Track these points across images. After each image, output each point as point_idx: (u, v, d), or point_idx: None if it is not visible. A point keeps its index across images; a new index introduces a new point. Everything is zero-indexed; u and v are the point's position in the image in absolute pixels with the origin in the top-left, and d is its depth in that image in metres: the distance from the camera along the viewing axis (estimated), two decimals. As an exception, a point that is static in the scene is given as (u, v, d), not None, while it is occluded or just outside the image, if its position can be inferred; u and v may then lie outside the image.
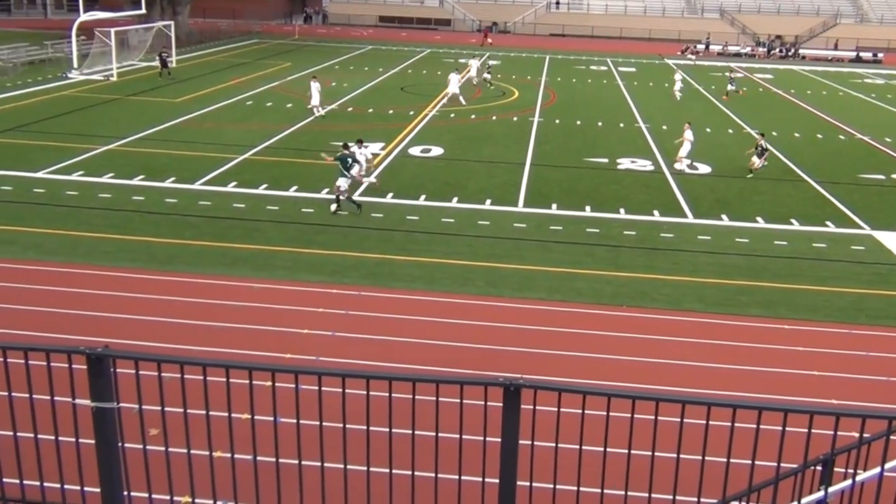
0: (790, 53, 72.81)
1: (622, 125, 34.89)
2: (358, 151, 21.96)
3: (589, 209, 21.82)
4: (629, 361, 13.06)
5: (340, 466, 4.85)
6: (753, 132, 33.72)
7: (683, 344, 13.87)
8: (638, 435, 4.65)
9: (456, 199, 22.22)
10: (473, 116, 35.60)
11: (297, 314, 14.34)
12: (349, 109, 35.94)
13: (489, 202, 22.03)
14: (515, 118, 35.46)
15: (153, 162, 24.84)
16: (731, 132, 34.22)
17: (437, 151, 28.11)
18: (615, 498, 5.04)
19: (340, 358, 12.59)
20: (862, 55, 70.63)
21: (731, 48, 73.16)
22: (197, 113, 33.27)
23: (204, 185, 22.69)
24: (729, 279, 17.05)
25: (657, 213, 21.73)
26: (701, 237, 19.83)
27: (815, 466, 5.61)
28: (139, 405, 4.74)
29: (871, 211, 22.59)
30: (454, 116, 35.33)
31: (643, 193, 23.70)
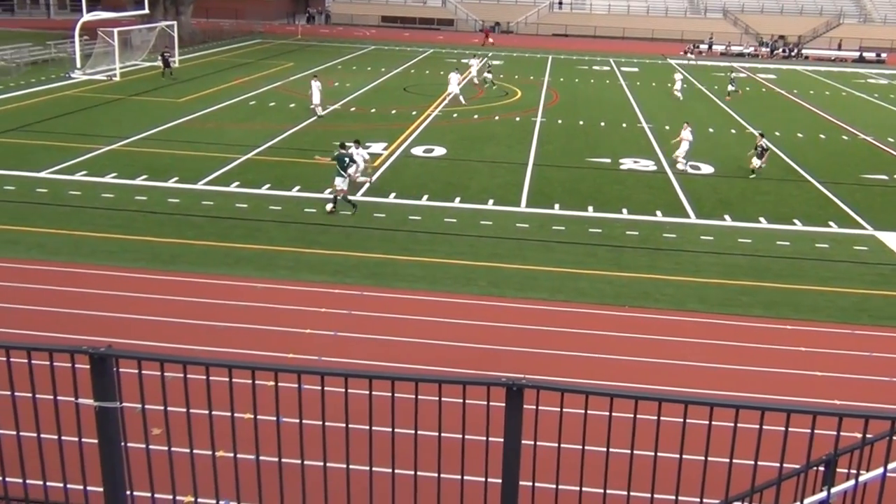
0: (793, 53, 72.71)
1: (625, 125, 34.88)
2: (355, 152, 21.97)
3: (591, 209, 21.81)
4: (631, 362, 13.06)
5: (343, 466, 4.85)
6: (756, 132, 33.72)
7: (686, 344, 13.87)
8: (640, 435, 4.65)
9: (458, 199, 22.23)
10: (476, 116, 35.60)
11: (299, 314, 14.35)
12: (352, 109, 35.96)
13: (492, 202, 22.03)
14: (518, 118, 35.45)
15: (156, 162, 24.87)
16: (733, 132, 34.19)
17: (439, 151, 28.12)
18: (617, 498, 5.04)
19: (343, 358, 12.60)
20: (865, 55, 70.52)
21: (734, 48, 73.07)
22: (200, 113, 33.31)
23: (207, 185, 22.72)
24: (731, 279, 17.04)
25: (660, 213, 21.72)
26: (703, 237, 19.82)
27: (817, 467, 5.60)
28: (142, 405, 4.75)
29: (873, 211, 22.57)
30: (457, 116, 35.33)
31: (646, 194, 23.69)
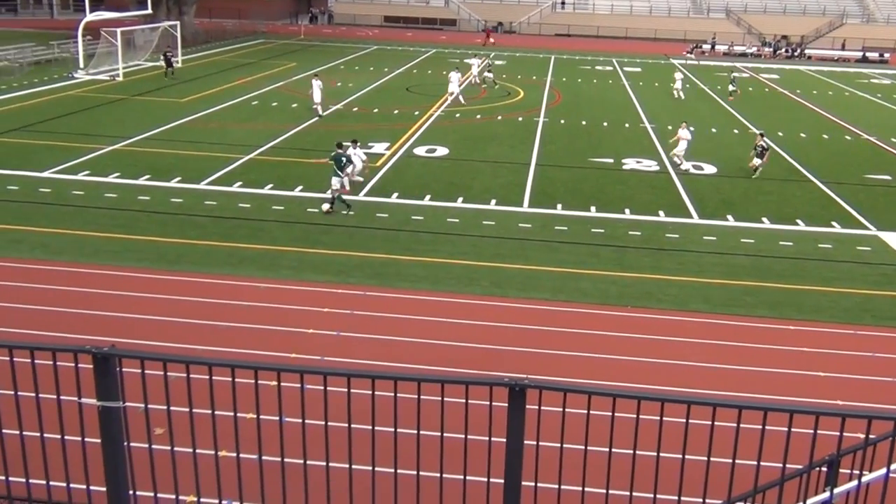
0: (796, 54, 72.63)
1: (627, 125, 34.85)
2: (353, 151, 21.98)
3: (594, 209, 21.80)
4: (634, 362, 13.05)
5: (345, 466, 4.86)
6: (759, 132, 33.68)
7: (689, 344, 13.86)
8: (643, 435, 4.65)
9: (461, 199, 22.23)
10: (479, 116, 35.60)
11: (302, 314, 14.36)
12: (354, 109, 35.97)
13: (494, 202, 22.03)
14: (521, 118, 35.44)
15: (159, 162, 24.90)
16: (736, 132, 34.15)
17: (442, 151, 28.12)
18: (620, 498, 5.03)
19: (345, 358, 12.60)
20: (868, 55, 70.42)
21: (736, 48, 72.99)
22: (202, 113, 33.33)
23: (210, 184, 22.74)
24: (734, 280, 17.03)
25: (662, 213, 21.70)
26: (706, 237, 19.80)
27: (820, 467, 5.60)
28: (145, 404, 4.75)
29: (877, 211, 22.54)
30: (459, 116, 35.33)
31: (648, 194, 23.68)
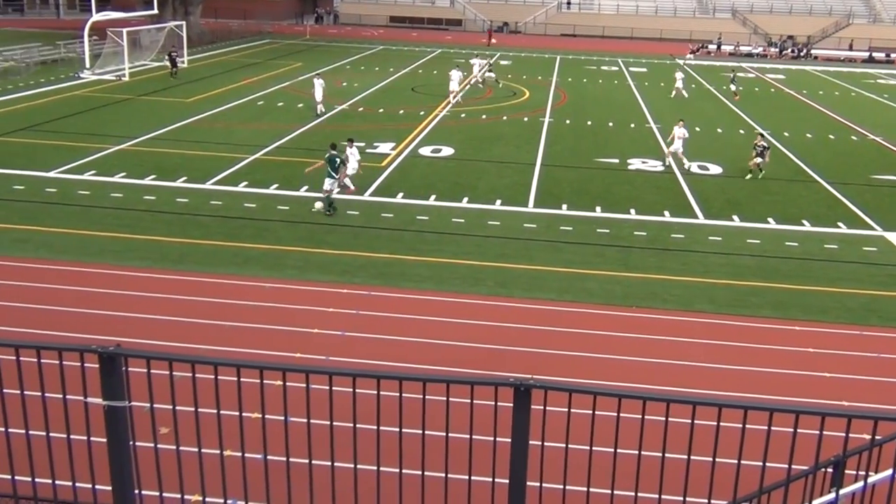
0: (802, 54, 72.47)
1: (633, 125, 34.81)
2: (349, 151, 21.98)
3: (599, 210, 21.78)
4: (639, 362, 13.03)
5: (350, 466, 4.86)
6: (765, 132, 33.59)
7: (694, 345, 13.84)
8: (648, 436, 4.64)
9: (466, 199, 22.23)
10: (484, 117, 35.59)
11: (307, 314, 14.37)
12: (360, 109, 35.99)
13: (499, 202, 22.02)
14: (526, 118, 35.42)
15: (165, 162, 24.94)
16: (742, 132, 34.07)
17: (447, 151, 28.12)
18: (625, 499, 5.03)
19: (350, 357, 12.61)
20: (875, 55, 70.24)
21: (742, 48, 72.87)
22: (208, 113, 33.39)
23: (215, 184, 22.77)
24: (740, 280, 16.99)
25: (668, 213, 21.67)
26: (712, 238, 19.77)
27: (826, 468, 5.58)
28: (150, 404, 4.76)
29: (883, 212, 22.47)
30: (465, 116, 35.33)
31: (654, 194, 23.65)
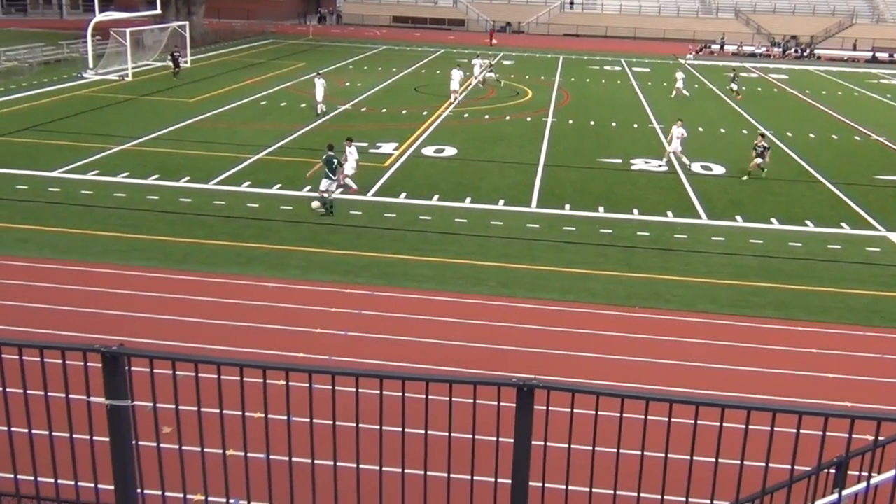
0: (805, 54, 72.38)
1: (636, 125, 34.80)
2: (348, 150, 21.98)
3: (602, 210, 21.77)
4: (642, 362, 13.02)
5: (353, 465, 4.86)
6: (768, 132, 33.56)
7: (697, 345, 13.83)
8: (651, 436, 4.64)
9: (469, 199, 22.23)
10: (487, 117, 35.60)
11: (310, 313, 14.38)
12: (363, 109, 36.01)
13: (502, 202, 22.02)
14: (529, 118, 35.42)
15: (168, 161, 24.97)
16: (745, 132, 34.03)
17: (450, 151, 28.12)
18: (628, 499, 5.02)
19: (353, 357, 12.62)
20: (878, 55, 70.14)
21: (745, 48, 72.78)
22: (211, 113, 33.42)
23: (218, 184, 22.79)
24: (743, 280, 16.98)
25: (671, 213, 21.66)
26: (715, 238, 19.75)
27: (828, 469, 5.57)
28: (153, 403, 4.76)
29: (886, 212, 22.44)
30: (468, 116, 35.33)
31: (657, 194, 23.63)
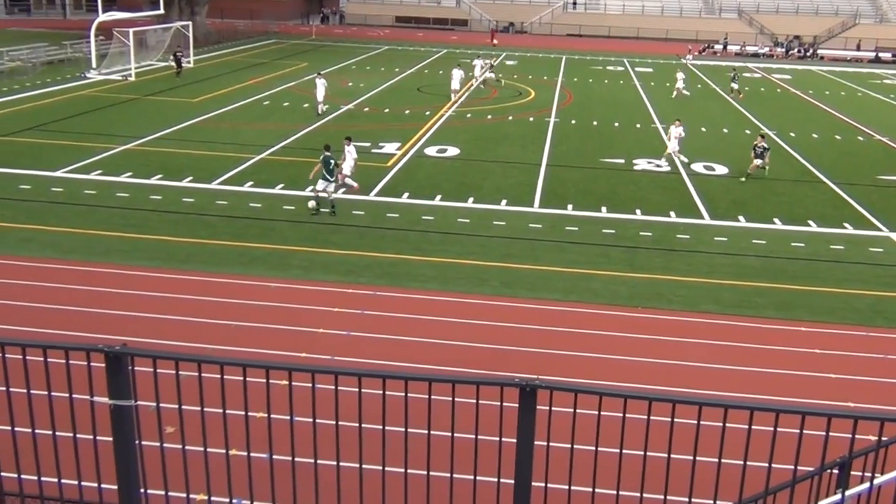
0: (808, 54, 72.30)
1: (639, 126, 34.78)
2: (346, 149, 21.99)
3: (605, 210, 21.76)
4: (645, 363, 13.02)
5: (356, 465, 4.86)
6: (771, 132, 33.55)
7: (699, 345, 13.82)
8: (654, 436, 4.63)
9: (472, 199, 22.23)
10: (490, 117, 35.59)
11: (312, 313, 14.39)
12: (365, 109, 36.01)
13: (505, 202, 22.02)
14: (532, 118, 35.41)
15: (171, 161, 24.99)
16: (748, 132, 33.99)
17: (453, 151, 28.12)
18: (630, 499, 5.02)
19: (355, 357, 12.62)
20: (881, 55, 70.04)
21: (748, 48, 72.72)
22: (214, 113, 33.44)
23: (221, 184, 22.81)
24: (745, 281, 16.96)
25: (673, 214, 21.65)
26: (717, 238, 19.74)
27: (832, 469, 5.56)
28: (156, 403, 4.77)
29: (889, 213, 22.41)
30: (470, 117, 35.33)
31: (660, 194, 23.62)
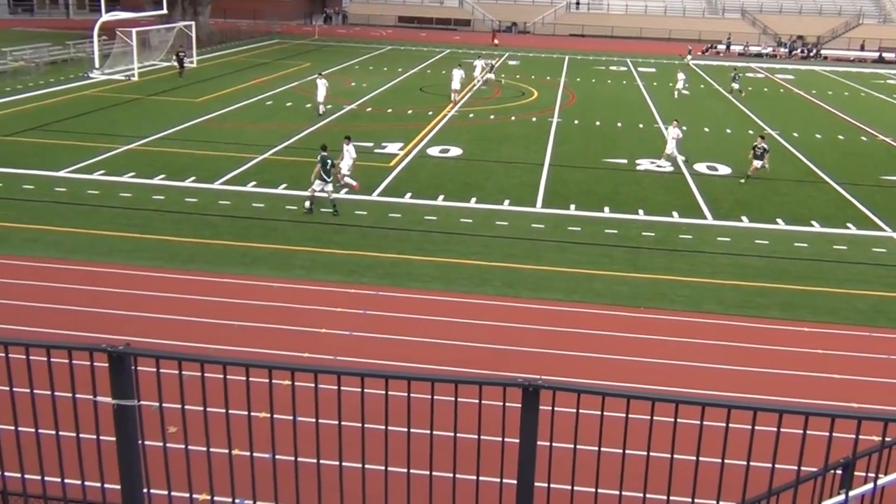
0: (812, 54, 72.20)
1: (641, 126, 34.75)
2: (345, 148, 21.99)
3: (608, 210, 21.75)
4: (647, 363, 13.01)
5: (359, 465, 4.86)
6: (774, 133, 33.53)
7: (702, 346, 13.80)
8: (657, 437, 4.63)
9: (474, 199, 22.22)
10: (492, 117, 35.58)
11: (315, 313, 14.39)
12: (368, 109, 36.02)
13: (507, 202, 22.01)
14: (534, 118, 35.39)
15: (174, 161, 25.01)
16: (751, 133, 33.93)
17: (455, 152, 28.11)
18: (633, 500, 5.02)
19: (357, 357, 12.62)
20: (885, 56, 69.92)
21: (752, 48, 72.63)
22: (217, 113, 33.46)
23: (224, 184, 22.82)
24: (748, 281, 16.94)
25: (676, 214, 21.62)
26: (720, 238, 19.72)
27: (835, 470, 5.56)
28: (159, 403, 4.77)
29: (892, 213, 22.36)
30: (473, 117, 35.33)
31: (662, 194, 23.60)
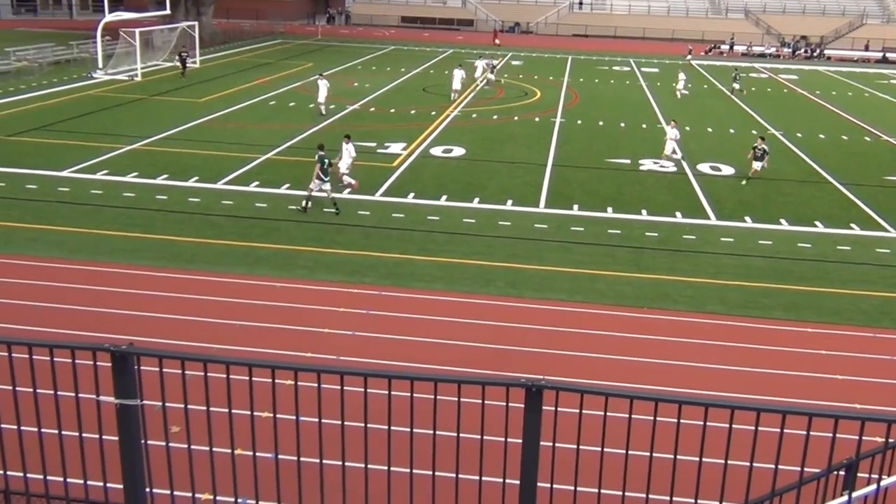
0: (815, 54, 72.11)
1: (645, 126, 34.72)
2: (345, 147, 22.00)
3: (611, 210, 21.73)
4: (650, 363, 12.99)
5: (361, 465, 4.86)
6: (777, 133, 33.50)
7: (705, 346, 13.79)
8: (660, 437, 4.62)
9: (477, 199, 22.22)
10: (495, 117, 35.57)
11: (318, 313, 14.39)
12: (371, 109, 36.03)
13: (510, 203, 22.00)
14: (537, 118, 35.38)
15: (177, 161, 25.04)
16: (754, 133, 33.88)
17: (458, 152, 28.11)
18: (636, 500, 5.01)
19: (360, 357, 12.62)
20: (888, 56, 69.82)
21: (755, 48, 72.57)
22: (220, 113, 33.49)
23: (227, 184, 22.84)
24: (752, 281, 16.92)
25: (679, 214, 21.60)
26: (724, 239, 19.69)
27: (838, 471, 5.55)
28: (162, 402, 4.77)
29: (896, 213, 22.35)
30: (476, 117, 35.32)
31: (666, 195, 23.58)
